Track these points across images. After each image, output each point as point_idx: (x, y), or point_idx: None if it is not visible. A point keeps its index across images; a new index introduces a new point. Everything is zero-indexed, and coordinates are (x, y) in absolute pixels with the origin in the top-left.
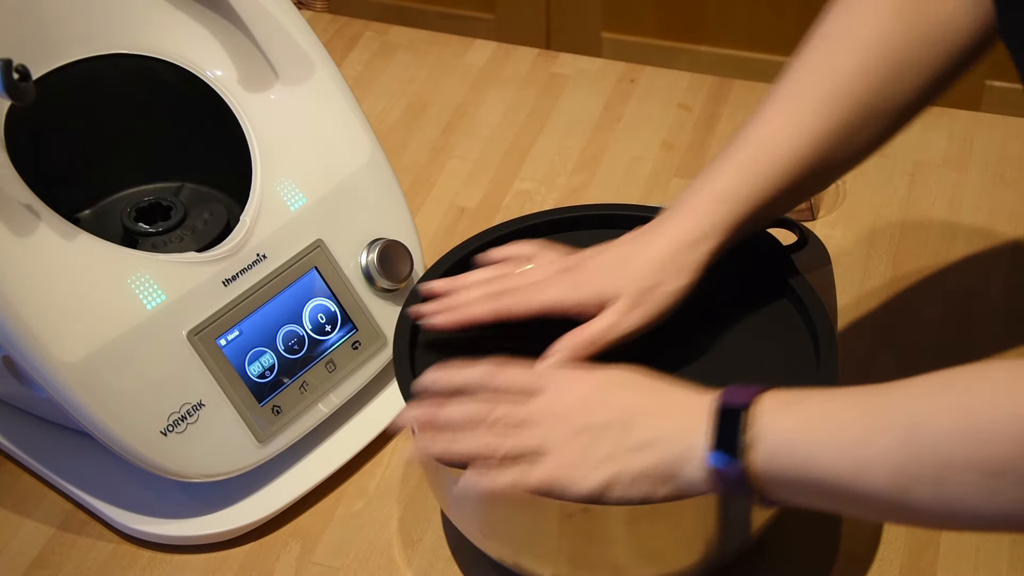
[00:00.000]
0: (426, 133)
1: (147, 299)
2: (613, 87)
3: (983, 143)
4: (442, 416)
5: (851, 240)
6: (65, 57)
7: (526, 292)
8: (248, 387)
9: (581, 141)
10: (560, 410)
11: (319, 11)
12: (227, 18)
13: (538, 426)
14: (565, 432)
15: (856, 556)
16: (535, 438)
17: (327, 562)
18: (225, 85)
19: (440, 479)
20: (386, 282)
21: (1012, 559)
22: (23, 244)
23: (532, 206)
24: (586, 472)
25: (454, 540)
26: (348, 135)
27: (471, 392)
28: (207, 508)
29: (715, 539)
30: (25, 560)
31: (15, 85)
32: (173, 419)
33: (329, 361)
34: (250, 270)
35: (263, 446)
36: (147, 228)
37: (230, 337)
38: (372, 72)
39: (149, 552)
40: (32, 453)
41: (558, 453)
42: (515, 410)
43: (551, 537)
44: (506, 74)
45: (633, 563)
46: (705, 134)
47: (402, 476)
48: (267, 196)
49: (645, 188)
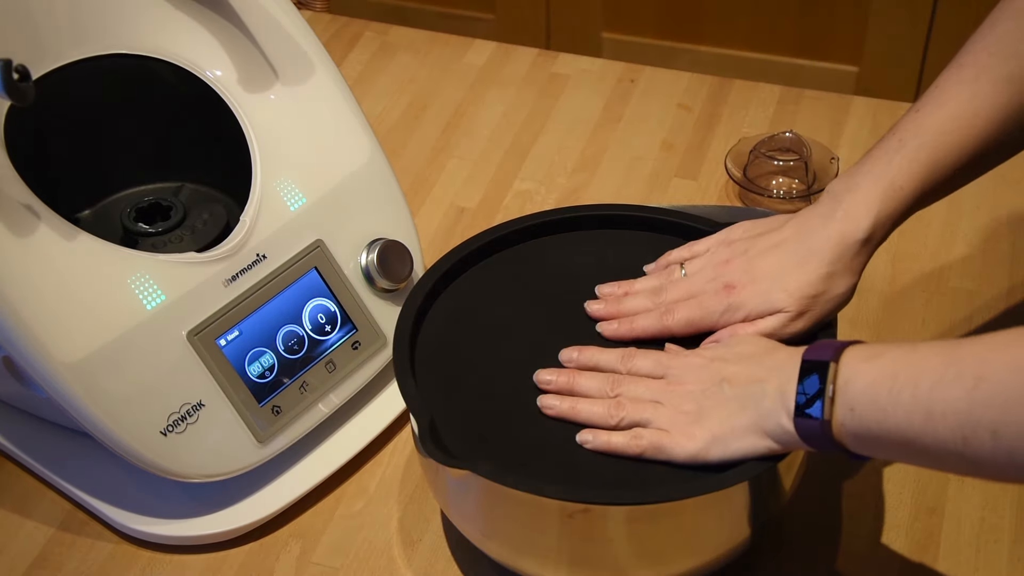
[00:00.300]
0: (426, 133)
1: (147, 299)
2: (613, 87)
3: None
4: (576, 385)
5: None
6: (65, 57)
7: (689, 309)
8: (248, 387)
9: (581, 141)
10: (675, 390)
11: (319, 11)
12: (227, 18)
13: (652, 402)
14: (675, 405)
15: (856, 556)
16: (647, 412)
17: (327, 562)
18: (225, 85)
19: (440, 479)
20: (386, 282)
21: (1012, 559)
22: (23, 244)
23: (532, 206)
24: (690, 434)
25: (454, 540)
26: (348, 135)
27: (602, 371)
28: (207, 508)
29: (715, 539)
30: (25, 560)
31: (15, 85)
32: (173, 419)
33: (329, 361)
34: (250, 270)
35: (263, 446)
36: (147, 228)
37: (230, 337)
38: (372, 72)
39: (149, 552)
40: (32, 453)
41: (666, 423)
42: (635, 388)
43: (551, 537)
44: (506, 74)
45: (633, 563)
46: (705, 134)
47: (402, 476)
48: (267, 196)
49: (645, 188)
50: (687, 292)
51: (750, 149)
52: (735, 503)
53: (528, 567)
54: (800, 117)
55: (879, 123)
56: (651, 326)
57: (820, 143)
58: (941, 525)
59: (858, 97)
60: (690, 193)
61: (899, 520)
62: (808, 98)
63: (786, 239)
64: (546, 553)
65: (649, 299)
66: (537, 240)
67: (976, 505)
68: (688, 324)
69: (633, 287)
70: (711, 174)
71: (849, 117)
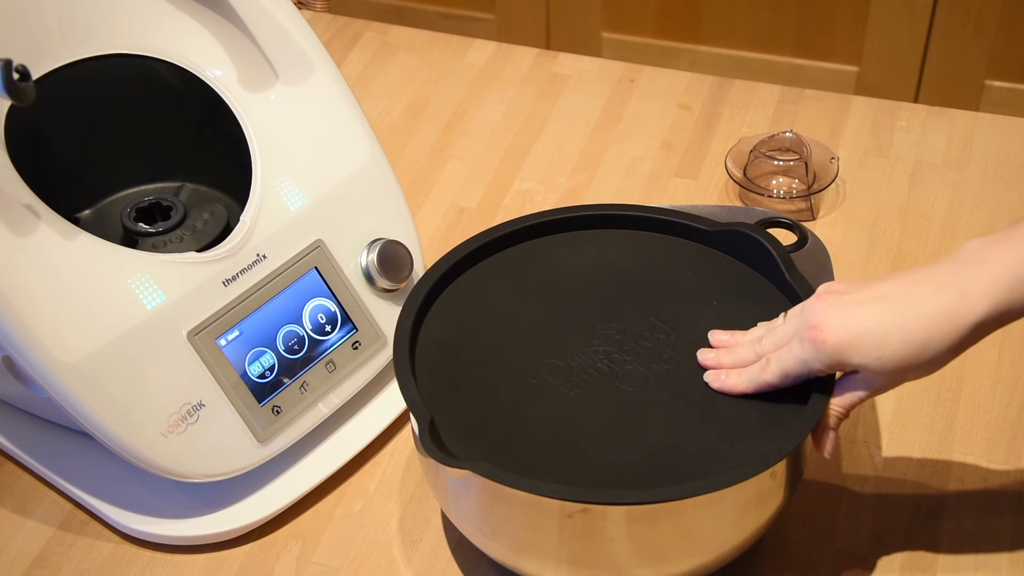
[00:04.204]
0: (426, 133)
1: (147, 299)
2: (613, 87)
3: (983, 143)
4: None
5: (851, 240)
6: (65, 57)
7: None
8: (248, 387)
9: (581, 141)
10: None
11: (319, 11)
12: (227, 18)
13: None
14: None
15: (856, 556)
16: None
17: (327, 562)
18: (225, 85)
19: (440, 479)
20: (386, 282)
21: (1012, 559)
22: (23, 244)
23: (532, 206)
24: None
25: (454, 540)
26: (348, 135)
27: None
28: (207, 508)
29: (715, 539)
30: (25, 560)
31: (15, 85)
32: (173, 419)
33: (329, 361)
34: (250, 270)
35: (263, 446)
36: (147, 228)
37: (230, 337)
38: (372, 72)
39: (149, 552)
40: (32, 453)
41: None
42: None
43: (551, 537)
44: (506, 74)
45: (633, 563)
46: (705, 134)
47: (402, 476)
48: (267, 196)
49: (645, 188)
50: (783, 338)
51: (750, 149)
52: (735, 503)
53: (528, 567)
54: (800, 117)
55: (879, 123)
56: (747, 388)
57: (820, 143)
58: (941, 525)
59: (858, 97)
60: (690, 193)
61: (899, 520)
62: (808, 98)
63: (883, 299)
64: (546, 553)
65: (752, 350)
66: (537, 240)
67: (976, 505)
68: (783, 376)
69: (745, 337)
70: (711, 174)
71: (849, 117)
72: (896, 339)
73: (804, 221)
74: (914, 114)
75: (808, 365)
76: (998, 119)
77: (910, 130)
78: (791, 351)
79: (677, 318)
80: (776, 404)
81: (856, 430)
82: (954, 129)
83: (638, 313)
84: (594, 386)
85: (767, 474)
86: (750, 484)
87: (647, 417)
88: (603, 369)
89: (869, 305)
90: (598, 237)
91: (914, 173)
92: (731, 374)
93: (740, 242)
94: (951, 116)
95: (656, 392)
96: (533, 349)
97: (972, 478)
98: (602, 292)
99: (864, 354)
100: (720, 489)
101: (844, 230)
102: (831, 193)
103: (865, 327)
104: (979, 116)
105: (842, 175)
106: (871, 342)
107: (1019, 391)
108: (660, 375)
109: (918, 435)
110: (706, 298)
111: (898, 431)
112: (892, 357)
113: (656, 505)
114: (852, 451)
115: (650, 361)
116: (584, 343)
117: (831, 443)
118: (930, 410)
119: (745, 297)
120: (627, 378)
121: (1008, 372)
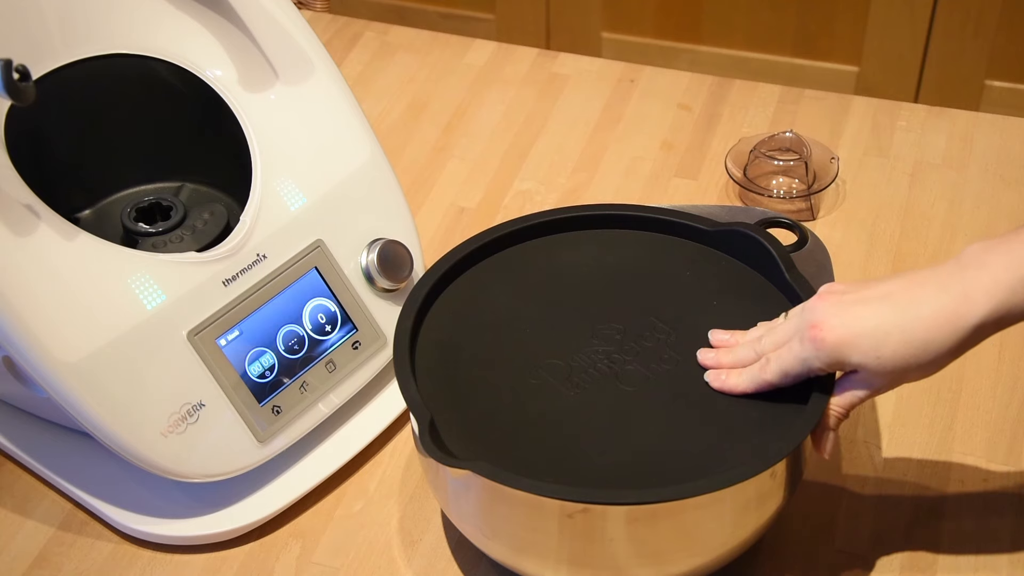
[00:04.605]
0: (426, 133)
1: (147, 299)
2: (613, 87)
3: (983, 143)
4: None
5: (851, 240)
6: (65, 57)
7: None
8: (248, 387)
9: (581, 141)
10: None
11: (319, 11)
12: (227, 18)
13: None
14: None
15: (856, 556)
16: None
17: (327, 562)
18: (225, 85)
19: (440, 479)
20: (386, 282)
21: (1012, 559)
22: (23, 244)
23: (532, 206)
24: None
25: (454, 540)
26: (348, 135)
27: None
28: (207, 508)
29: (715, 539)
30: (25, 560)
31: (15, 85)
32: (173, 419)
33: (329, 361)
34: (250, 270)
35: (263, 446)
36: (147, 228)
37: (230, 337)
38: (372, 72)
39: (149, 552)
40: (32, 453)
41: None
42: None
43: (551, 537)
44: (506, 74)
45: (633, 563)
46: (705, 134)
47: (402, 476)
48: (267, 196)
49: (645, 188)
50: (783, 338)
51: (750, 149)
52: (735, 503)
53: (528, 567)
54: (800, 117)
55: (879, 123)
56: (748, 387)
57: (820, 143)
58: (941, 525)
59: (858, 97)
60: (690, 193)
61: (899, 520)
62: (808, 98)
63: (882, 300)
64: (546, 553)
65: (752, 349)
66: (537, 240)
67: (976, 505)
68: (783, 375)
69: (745, 337)
70: (711, 174)
71: (849, 117)
72: (896, 339)
73: (804, 221)
74: (914, 114)
75: (808, 364)
76: (998, 119)
77: (910, 130)
78: (791, 350)
79: (677, 318)
80: (776, 404)
81: (856, 430)
82: (954, 129)
83: (638, 313)
84: (594, 386)
85: (767, 474)
86: (750, 484)
87: (647, 417)
88: (603, 369)
89: (870, 305)
90: (598, 237)
91: (914, 173)
92: (731, 374)
93: (740, 242)
94: (951, 116)
95: (656, 392)
96: (533, 349)
97: (972, 478)
98: (602, 292)
99: (864, 353)
100: (720, 489)
101: (844, 230)
102: (831, 193)
103: (865, 326)
104: (979, 116)
105: (842, 175)
106: (871, 341)
107: (1019, 391)
108: (660, 375)
109: (918, 435)
110: (706, 298)
111: (898, 431)
112: (892, 357)
113: (656, 505)
114: (852, 451)
115: (650, 361)
116: (584, 343)
117: (831, 443)
118: (930, 410)
119: (745, 297)
120: (627, 378)
121: (1008, 372)
